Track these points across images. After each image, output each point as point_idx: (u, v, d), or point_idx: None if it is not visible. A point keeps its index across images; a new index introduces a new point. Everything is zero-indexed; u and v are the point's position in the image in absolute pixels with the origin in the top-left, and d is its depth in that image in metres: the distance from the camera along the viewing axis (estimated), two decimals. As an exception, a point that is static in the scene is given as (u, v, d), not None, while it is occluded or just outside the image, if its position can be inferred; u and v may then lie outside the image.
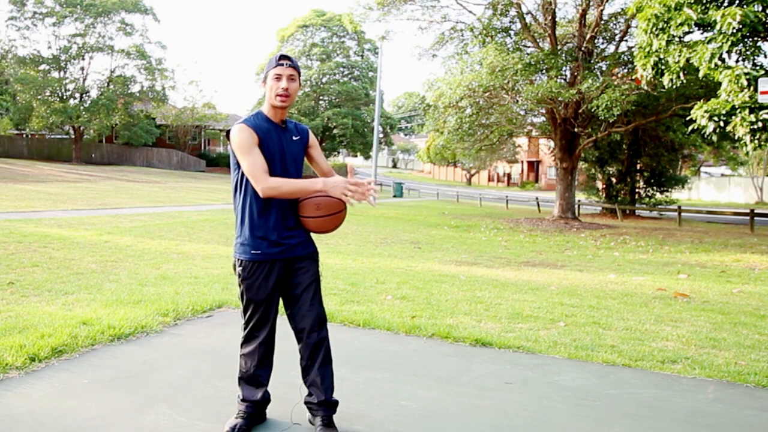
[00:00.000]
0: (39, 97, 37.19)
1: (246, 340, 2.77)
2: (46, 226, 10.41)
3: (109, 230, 10.38)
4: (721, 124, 10.22)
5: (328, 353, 2.74)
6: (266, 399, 2.81)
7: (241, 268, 2.68)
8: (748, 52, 10.05)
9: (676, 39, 10.68)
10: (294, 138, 2.73)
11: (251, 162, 2.53)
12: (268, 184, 2.51)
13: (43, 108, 36.84)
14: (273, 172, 2.62)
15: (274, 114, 2.67)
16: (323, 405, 2.72)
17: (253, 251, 2.65)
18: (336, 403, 2.76)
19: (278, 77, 2.60)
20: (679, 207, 21.28)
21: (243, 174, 2.63)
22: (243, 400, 2.77)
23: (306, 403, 2.79)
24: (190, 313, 4.78)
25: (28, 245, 8.09)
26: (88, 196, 18.29)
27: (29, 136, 42.56)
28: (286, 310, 2.76)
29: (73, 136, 39.18)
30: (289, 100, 2.61)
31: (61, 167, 32.69)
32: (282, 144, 2.67)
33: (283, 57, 2.62)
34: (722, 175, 46.60)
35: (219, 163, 46.63)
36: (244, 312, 2.75)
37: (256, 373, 2.76)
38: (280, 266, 2.67)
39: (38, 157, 38.75)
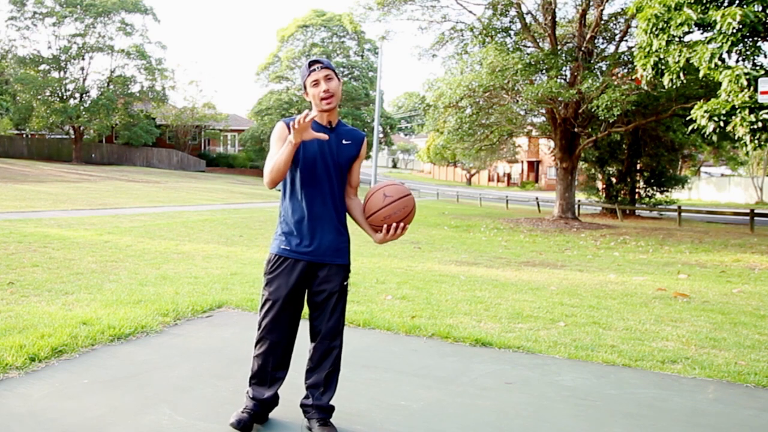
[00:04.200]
0: (39, 97, 37.20)
1: (258, 342, 2.74)
2: (46, 226, 10.41)
3: (109, 230, 10.38)
4: (721, 124, 10.22)
5: (336, 362, 2.74)
6: (275, 401, 2.80)
7: (267, 262, 2.72)
8: (748, 52, 10.04)
9: (676, 39, 10.68)
10: (345, 141, 2.71)
11: (271, 155, 2.61)
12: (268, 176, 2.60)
13: (43, 108, 36.85)
14: (314, 172, 2.63)
15: (320, 117, 2.69)
16: (317, 408, 2.72)
17: (282, 246, 2.69)
18: (332, 408, 2.76)
19: (316, 83, 2.61)
20: (679, 207, 21.27)
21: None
22: (252, 398, 2.75)
23: (302, 405, 2.78)
24: (190, 313, 4.78)
25: (28, 245, 8.09)
26: (88, 196, 18.28)
27: (29, 136, 42.56)
28: (309, 314, 2.76)
29: (73, 136, 39.18)
30: (334, 99, 2.62)
31: (61, 167, 32.68)
32: (326, 144, 2.65)
33: (313, 62, 2.63)
34: (722, 175, 46.63)
35: (219, 163, 46.62)
36: (260, 311, 2.74)
37: (272, 373, 2.74)
38: (303, 267, 2.66)
39: (38, 157, 38.75)
